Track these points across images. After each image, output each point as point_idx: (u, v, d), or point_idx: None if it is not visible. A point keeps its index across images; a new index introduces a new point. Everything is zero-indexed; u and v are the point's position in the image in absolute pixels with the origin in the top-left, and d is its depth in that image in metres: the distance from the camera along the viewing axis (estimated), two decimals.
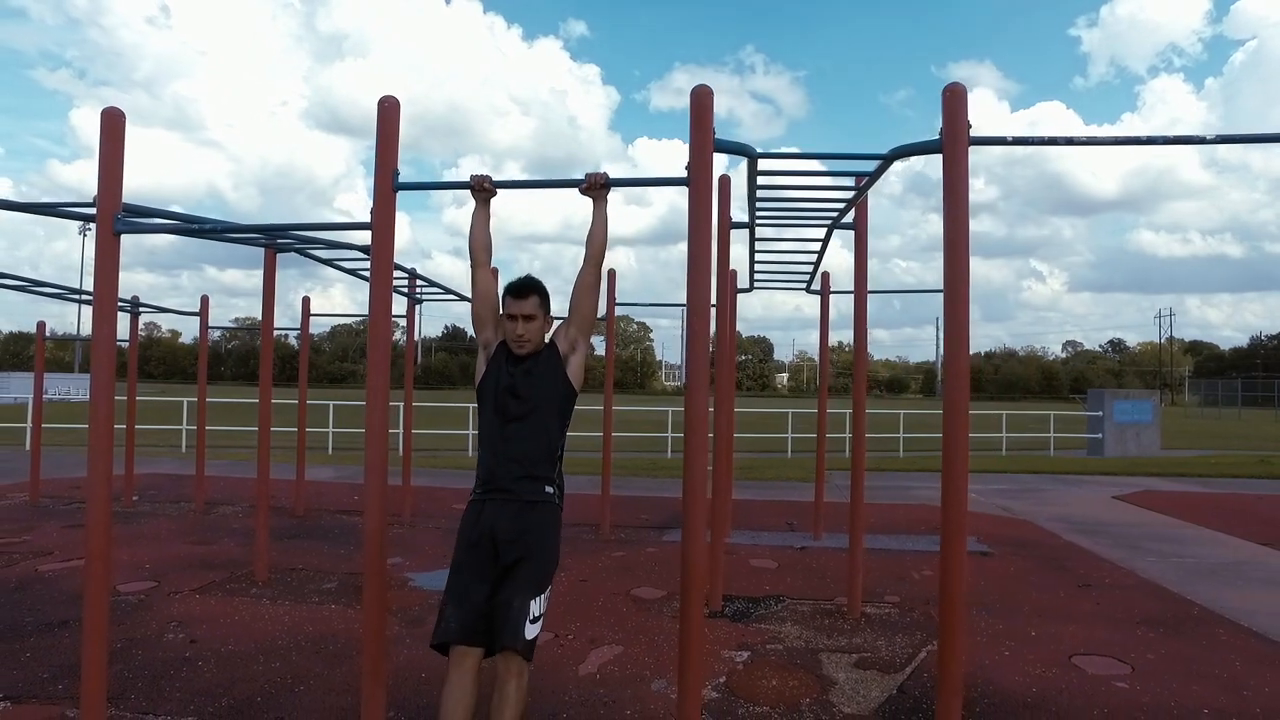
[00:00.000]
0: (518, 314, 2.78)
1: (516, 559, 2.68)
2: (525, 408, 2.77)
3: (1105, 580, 6.37)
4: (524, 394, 2.77)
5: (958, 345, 2.91)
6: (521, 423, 2.76)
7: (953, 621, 2.90)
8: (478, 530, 2.74)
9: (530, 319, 2.79)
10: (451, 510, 9.19)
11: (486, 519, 2.73)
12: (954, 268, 2.91)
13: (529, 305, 2.80)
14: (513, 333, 2.78)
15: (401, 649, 4.50)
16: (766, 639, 4.82)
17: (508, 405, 2.76)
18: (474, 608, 2.66)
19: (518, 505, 2.72)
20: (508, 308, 2.80)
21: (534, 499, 2.75)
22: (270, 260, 6.00)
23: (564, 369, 2.86)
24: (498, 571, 2.70)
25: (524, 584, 2.64)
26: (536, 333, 2.81)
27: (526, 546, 2.69)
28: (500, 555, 2.70)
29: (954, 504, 2.92)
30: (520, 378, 2.79)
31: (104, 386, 3.24)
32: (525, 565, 2.67)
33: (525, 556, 2.68)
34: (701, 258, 2.92)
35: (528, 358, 2.84)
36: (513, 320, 2.78)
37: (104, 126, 3.31)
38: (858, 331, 5.56)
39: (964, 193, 2.90)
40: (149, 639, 4.58)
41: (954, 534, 2.92)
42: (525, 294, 2.81)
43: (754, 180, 3.75)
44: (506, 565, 2.69)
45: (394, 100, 3.21)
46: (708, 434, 2.92)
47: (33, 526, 7.79)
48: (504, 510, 2.72)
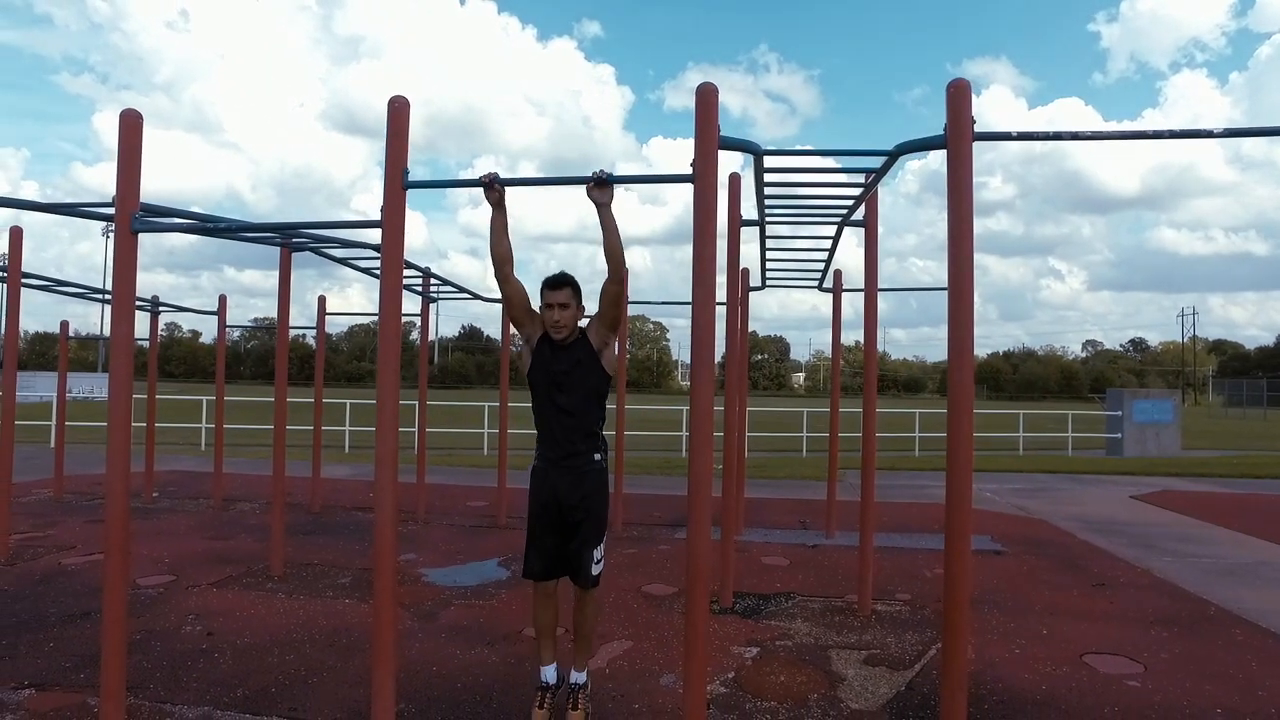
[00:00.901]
0: (554, 303, 3.31)
1: (580, 518, 3.36)
2: (571, 396, 3.34)
3: (1120, 580, 6.32)
4: (569, 383, 3.34)
5: (962, 341, 2.91)
6: (569, 408, 3.34)
7: (957, 616, 2.90)
8: (545, 492, 3.40)
9: (565, 307, 3.31)
10: (465, 508, 9.27)
11: (550, 484, 3.38)
12: (958, 263, 2.91)
13: (563, 295, 3.32)
14: (550, 319, 3.31)
15: (414, 643, 4.56)
16: (776, 635, 4.83)
17: (556, 393, 3.35)
18: (547, 552, 3.41)
19: (575, 474, 3.36)
20: (545, 299, 3.34)
21: (587, 468, 3.38)
22: (285, 259, 6.08)
23: (599, 360, 3.39)
24: (564, 524, 3.39)
25: (589, 537, 3.38)
26: (571, 319, 3.33)
27: (586, 508, 3.37)
28: (566, 514, 3.37)
29: (958, 497, 2.93)
30: (565, 369, 3.34)
31: (122, 383, 3.31)
32: (587, 522, 3.37)
33: (586, 516, 3.37)
34: (706, 255, 2.95)
35: (569, 348, 3.35)
36: (550, 309, 3.31)
37: (122, 128, 3.39)
38: (868, 329, 5.55)
39: (968, 188, 2.90)
40: (167, 631, 4.67)
41: (958, 525, 2.92)
42: (559, 286, 3.34)
43: (760, 177, 3.76)
44: (573, 522, 3.37)
45: (404, 100, 3.26)
46: (712, 430, 2.94)
47: (56, 522, 7.94)
48: (565, 477, 3.36)
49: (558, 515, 3.38)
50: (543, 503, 3.41)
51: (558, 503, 3.37)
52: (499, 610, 5.25)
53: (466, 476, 12.22)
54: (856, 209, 5.00)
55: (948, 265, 2.92)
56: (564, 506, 3.36)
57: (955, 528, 2.92)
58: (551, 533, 3.40)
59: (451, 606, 5.33)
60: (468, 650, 4.48)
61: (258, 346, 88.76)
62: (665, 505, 9.59)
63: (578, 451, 3.36)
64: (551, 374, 3.35)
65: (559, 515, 3.38)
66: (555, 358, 3.37)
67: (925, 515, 9.28)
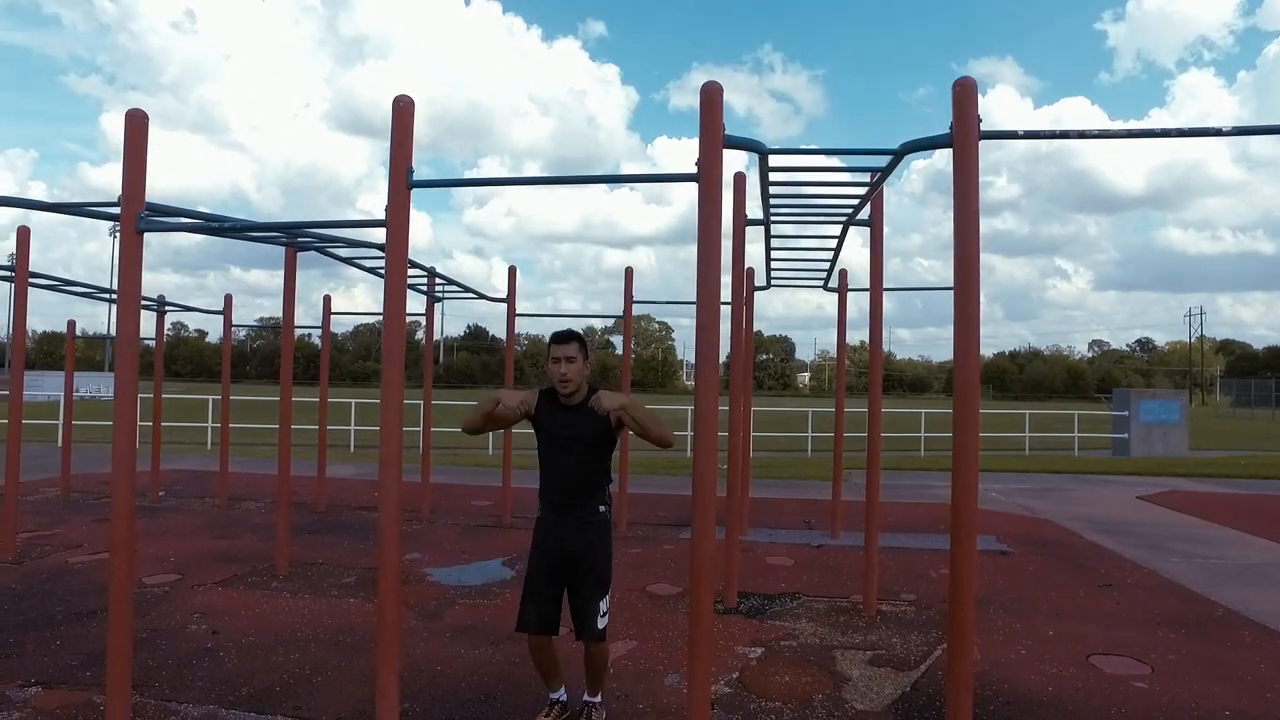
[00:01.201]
0: (561, 356, 3.23)
1: (587, 569, 3.28)
2: (579, 455, 3.28)
3: (1127, 580, 6.30)
4: (577, 445, 3.27)
5: (968, 340, 2.90)
6: (575, 466, 3.29)
7: (963, 616, 2.89)
8: (549, 542, 3.32)
9: (571, 360, 3.23)
10: (470, 508, 9.27)
11: (555, 534, 3.31)
12: (964, 262, 2.90)
13: (570, 349, 3.24)
14: (558, 373, 3.23)
15: (419, 642, 4.56)
16: (781, 635, 4.82)
17: (562, 452, 3.29)
18: (544, 604, 3.30)
19: (580, 524, 3.29)
20: (552, 353, 3.26)
21: (591, 519, 3.31)
22: (291, 259, 6.10)
23: (610, 430, 3.27)
24: (568, 575, 3.31)
25: (595, 589, 3.29)
26: (577, 373, 3.25)
27: (593, 558, 3.29)
28: (571, 564, 3.29)
29: (964, 495, 2.91)
30: (574, 433, 3.27)
31: (128, 381, 3.32)
32: (593, 573, 3.29)
33: (592, 566, 3.29)
34: (711, 254, 2.94)
35: (579, 410, 3.26)
36: (556, 362, 3.24)
37: (128, 128, 3.39)
38: (874, 329, 5.54)
39: (974, 187, 2.88)
40: (173, 629, 4.68)
41: (964, 525, 2.91)
42: (566, 341, 3.26)
43: (765, 176, 3.75)
44: (580, 573, 3.29)
45: (408, 99, 3.26)
46: (717, 429, 2.94)
47: (63, 520, 7.97)
48: (570, 527, 3.30)
49: (562, 565, 3.30)
50: (545, 551, 3.32)
51: (562, 552, 3.29)
52: (504, 610, 5.25)
53: (471, 476, 12.23)
54: (861, 208, 4.98)
55: (954, 264, 2.91)
56: (569, 556, 3.29)
57: (961, 528, 2.91)
58: (551, 584, 3.30)
59: (456, 606, 5.33)
60: (472, 650, 4.48)
61: (263, 346, 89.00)
62: (670, 505, 9.58)
63: (582, 504, 3.30)
64: (558, 434, 3.28)
65: (563, 565, 3.30)
66: (562, 420, 3.28)
67: (931, 515, 9.25)
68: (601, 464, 3.33)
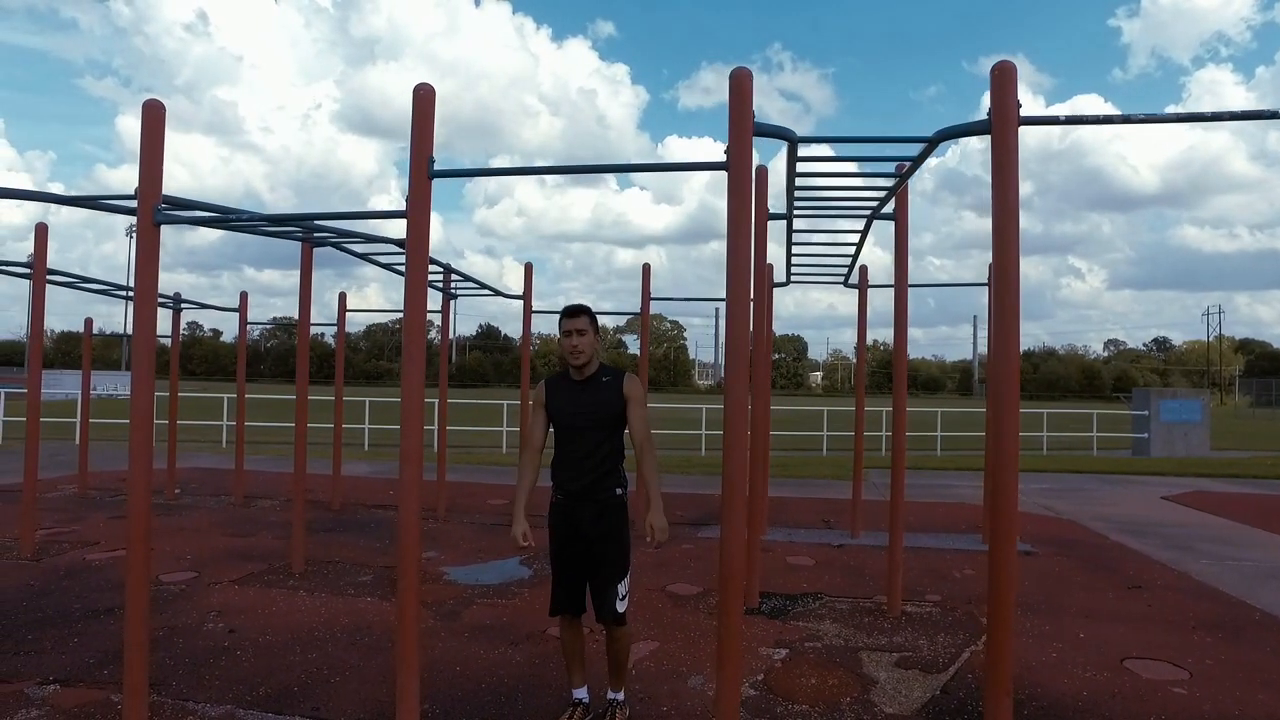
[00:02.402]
0: (572, 329, 3.29)
1: (604, 551, 3.30)
2: (594, 434, 3.29)
3: (1156, 582, 6.15)
4: (590, 423, 3.29)
5: (1007, 335, 2.79)
6: (589, 446, 3.29)
7: (1002, 620, 2.79)
8: (567, 527, 3.33)
9: (582, 333, 3.28)
10: (486, 506, 9.22)
11: (572, 518, 3.31)
12: (1003, 254, 2.79)
13: (580, 322, 3.30)
14: (569, 345, 3.29)
15: (437, 642, 4.50)
16: (805, 637, 4.73)
17: (575, 433, 3.31)
18: (571, 586, 3.36)
19: (597, 506, 3.29)
20: (563, 327, 3.32)
21: (609, 500, 3.31)
22: (307, 254, 6.06)
23: (627, 406, 3.31)
24: (588, 558, 3.32)
25: (614, 572, 3.31)
26: (588, 345, 3.30)
27: (610, 541, 3.30)
28: (589, 548, 3.30)
29: (1004, 494, 2.81)
30: (586, 409, 3.29)
31: (145, 374, 3.27)
32: (611, 556, 3.30)
33: (610, 549, 3.30)
34: (741, 246, 2.85)
35: (592, 387, 3.32)
36: (568, 335, 3.30)
37: (145, 118, 3.34)
38: (898, 326, 5.43)
39: (1013, 175, 2.78)
40: (190, 628, 4.64)
41: (1003, 525, 2.81)
42: (576, 314, 3.32)
43: (793, 167, 3.65)
44: (597, 557, 3.30)
45: (429, 88, 3.19)
46: (746, 427, 2.85)
47: (81, 517, 7.98)
48: (586, 510, 3.29)
49: (582, 549, 3.31)
50: (565, 538, 3.34)
51: (581, 536, 3.30)
52: (522, 609, 5.18)
53: (486, 474, 12.19)
54: (888, 201, 4.88)
55: (993, 257, 2.81)
56: (587, 539, 3.30)
57: (1000, 530, 2.81)
58: (575, 567, 3.34)
59: (474, 605, 5.27)
60: (491, 650, 4.41)
61: (277, 345, 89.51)
62: (685, 504, 9.49)
63: (598, 485, 3.29)
64: (572, 413, 3.32)
65: (583, 549, 3.31)
66: (574, 398, 3.33)
67: (951, 515, 9.12)
68: (615, 444, 3.34)
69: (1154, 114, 2.67)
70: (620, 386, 3.32)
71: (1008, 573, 2.78)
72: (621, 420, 3.32)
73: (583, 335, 3.28)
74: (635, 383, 3.36)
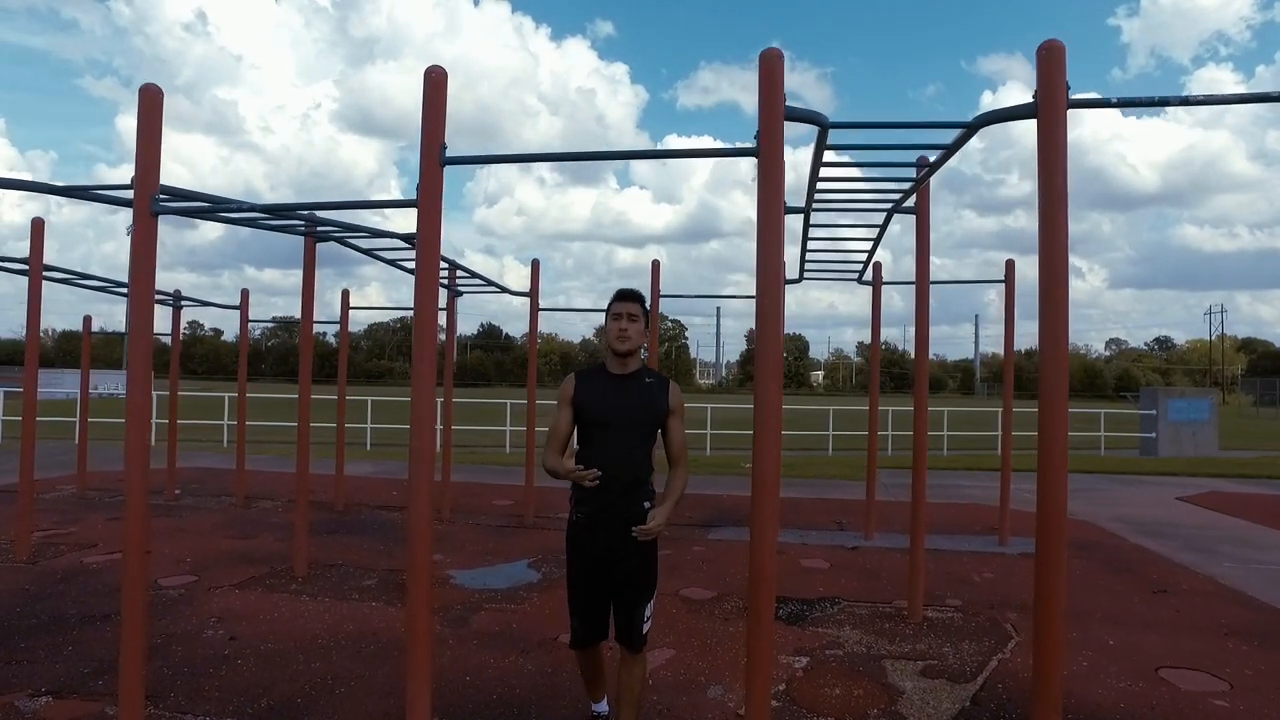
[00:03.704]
0: (623, 313, 3.01)
1: (631, 569, 2.99)
2: (630, 435, 2.98)
3: (1182, 586, 5.99)
4: (629, 422, 2.98)
5: (1056, 332, 2.63)
6: (626, 442, 2.96)
7: (1051, 632, 2.63)
8: (594, 548, 2.99)
9: (634, 319, 3.02)
10: (491, 506, 9.06)
11: (598, 538, 2.97)
12: (1052, 246, 2.63)
13: (633, 307, 3.03)
14: (618, 329, 3.00)
15: (445, 650, 4.35)
16: (825, 643, 4.57)
17: (610, 432, 2.96)
18: (595, 617, 3.07)
19: (626, 524, 2.92)
20: (614, 310, 3.03)
21: (638, 516, 2.95)
22: (310, 249, 5.90)
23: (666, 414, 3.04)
24: (612, 580, 3.01)
25: (641, 594, 3.03)
26: (638, 333, 3.03)
27: (639, 561, 3.00)
28: (615, 568, 2.99)
29: (1051, 501, 2.66)
30: (625, 407, 2.98)
31: (141, 371, 3.11)
32: (639, 576, 3.01)
33: (638, 568, 3.00)
34: (773, 233, 2.69)
35: (633, 385, 3.02)
36: (618, 319, 3.01)
37: (141, 104, 3.19)
38: (919, 322, 5.27)
39: (1062, 161, 2.62)
40: (189, 635, 4.49)
41: (1051, 532, 2.65)
42: (631, 298, 3.06)
43: (820, 156, 3.47)
44: (623, 575, 3.00)
45: (441, 71, 3.03)
46: (780, 427, 2.69)
47: (79, 519, 7.82)
48: (615, 528, 2.93)
49: (606, 572, 2.98)
50: (591, 559, 2.98)
51: (606, 559, 2.96)
52: (531, 615, 5.03)
53: (490, 475, 12.03)
54: (911, 194, 4.72)
55: (1039, 248, 2.64)
56: (612, 559, 2.96)
57: (1048, 537, 2.66)
58: (600, 595, 3.03)
59: (482, 611, 5.12)
60: (501, 658, 4.25)
61: (278, 345, 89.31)
62: (696, 504, 9.33)
63: (628, 498, 2.92)
64: (608, 407, 2.96)
65: (608, 571, 2.98)
66: (612, 393, 2.99)
67: (965, 516, 8.96)
68: (648, 450, 3.03)
69: (1211, 95, 2.52)
70: (667, 393, 3.05)
71: (1056, 583, 2.63)
72: (658, 427, 3.04)
73: (634, 321, 3.00)
74: (679, 393, 3.09)
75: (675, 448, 3.08)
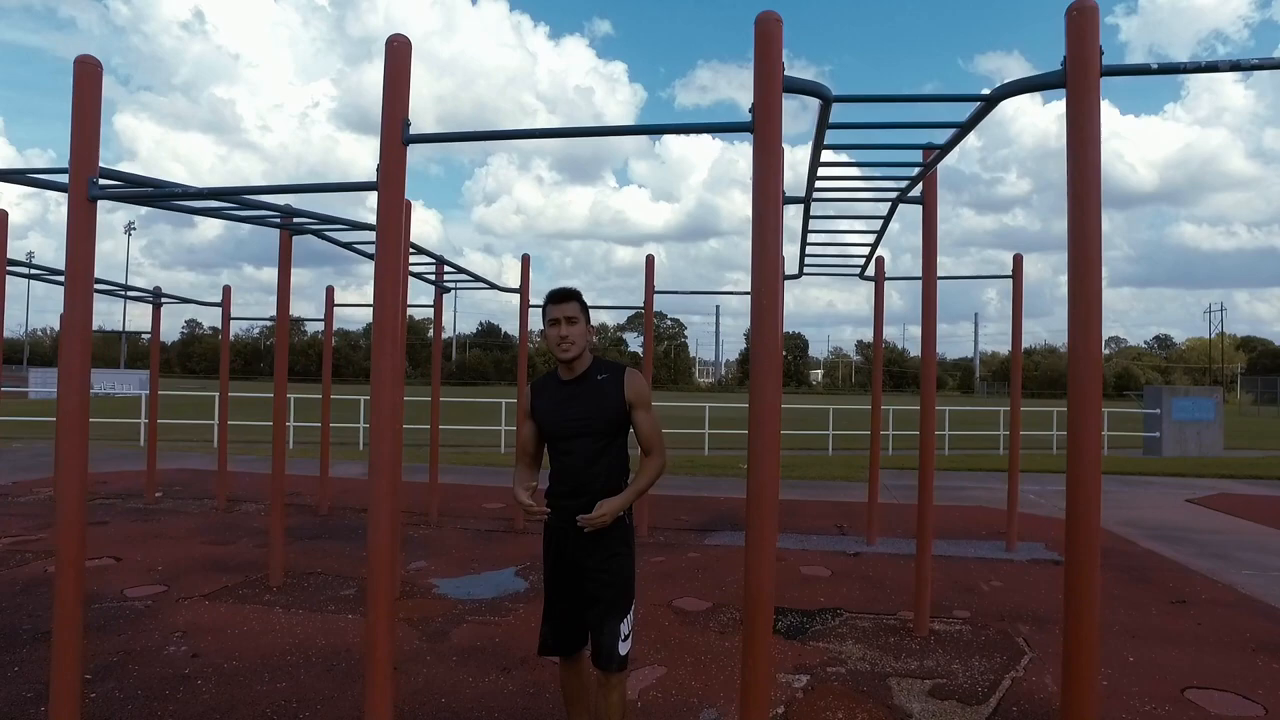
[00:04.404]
0: (560, 317, 2.75)
1: (602, 585, 2.75)
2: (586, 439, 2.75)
3: (1201, 596, 5.71)
4: (586, 427, 2.75)
5: (1089, 327, 2.35)
6: (586, 449, 2.75)
7: (1084, 662, 2.36)
8: (558, 553, 2.81)
9: (573, 321, 2.75)
10: (481, 510, 8.78)
11: (564, 544, 2.79)
12: (1083, 231, 2.35)
13: (569, 308, 2.76)
14: (557, 336, 2.74)
15: (420, 667, 4.07)
16: (826, 660, 4.30)
17: (569, 439, 2.77)
18: (562, 622, 2.85)
19: (595, 531, 2.71)
20: (550, 314, 2.78)
21: (610, 525, 2.72)
22: (285, 242, 5.63)
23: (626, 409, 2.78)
24: (583, 590, 2.79)
25: (612, 609, 2.75)
26: (580, 335, 2.77)
27: (610, 574, 2.76)
28: (583, 577, 2.78)
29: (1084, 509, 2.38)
30: (580, 412, 2.76)
31: (75, 372, 2.84)
32: (610, 591, 2.76)
33: (609, 580, 2.76)
34: (770, 221, 2.42)
35: (586, 385, 2.79)
36: (555, 324, 2.75)
37: (77, 79, 2.91)
38: (926, 319, 5.00)
39: (1094, 133, 2.34)
40: (148, 651, 4.20)
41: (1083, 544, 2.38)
42: (565, 299, 2.78)
43: (822, 136, 3.17)
44: (592, 589, 2.77)
45: (405, 40, 2.75)
46: (778, 432, 2.42)
47: (51, 524, 7.53)
48: (582, 535, 2.72)
49: (575, 578, 2.78)
50: (555, 563, 2.82)
51: (576, 566, 2.77)
52: (516, 628, 4.75)
53: (483, 476, 11.75)
54: (916, 183, 4.44)
55: (1069, 231, 2.37)
56: (581, 568, 2.76)
57: (1079, 550, 2.38)
58: (568, 600, 2.82)
59: (464, 624, 4.84)
60: (481, 677, 3.98)
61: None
62: (691, 508, 9.06)
63: (595, 504, 2.69)
64: (560, 419, 2.76)
65: (577, 578, 2.78)
66: (565, 401, 2.78)
67: (968, 519, 8.70)
68: (616, 454, 2.78)
69: (1269, 58, 2.24)
70: (620, 386, 2.76)
71: (1089, 603, 2.35)
72: (622, 426, 2.78)
73: (573, 324, 2.72)
74: (638, 381, 2.80)
75: (644, 440, 2.82)
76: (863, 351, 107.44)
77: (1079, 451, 2.36)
